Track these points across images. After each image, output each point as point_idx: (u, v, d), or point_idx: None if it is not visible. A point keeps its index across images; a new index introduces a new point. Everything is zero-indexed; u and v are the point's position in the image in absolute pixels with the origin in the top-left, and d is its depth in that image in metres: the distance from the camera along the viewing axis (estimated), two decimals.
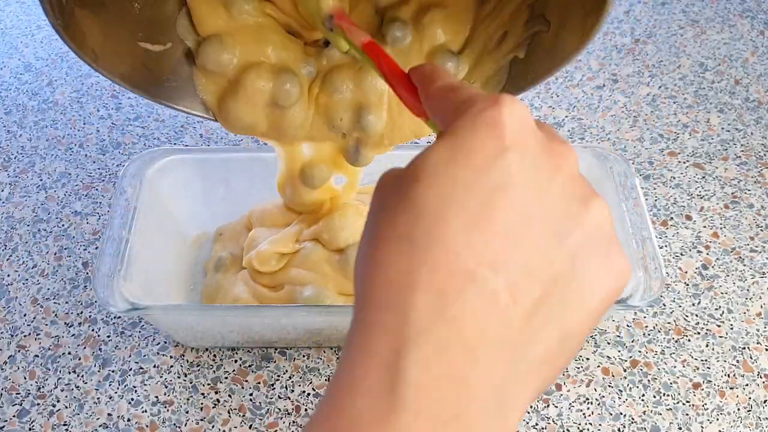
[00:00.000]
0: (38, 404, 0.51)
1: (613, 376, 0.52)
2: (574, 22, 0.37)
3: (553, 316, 0.23)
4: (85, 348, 0.54)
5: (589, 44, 0.36)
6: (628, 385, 0.52)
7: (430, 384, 0.21)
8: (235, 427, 0.50)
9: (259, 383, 0.52)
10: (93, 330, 0.55)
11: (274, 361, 0.53)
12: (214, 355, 0.54)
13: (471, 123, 0.24)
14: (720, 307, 0.56)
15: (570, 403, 0.51)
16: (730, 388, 0.52)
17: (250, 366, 0.53)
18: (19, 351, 0.54)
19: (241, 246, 0.56)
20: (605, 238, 0.25)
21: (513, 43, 0.42)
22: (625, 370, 0.53)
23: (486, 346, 0.22)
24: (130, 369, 0.53)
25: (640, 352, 0.54)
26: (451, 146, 0.24)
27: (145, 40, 0.43)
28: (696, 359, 0.53)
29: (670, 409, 0.51)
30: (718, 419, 0.50)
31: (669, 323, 0.55)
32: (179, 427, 0.50)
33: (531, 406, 0.51)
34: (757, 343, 0.54)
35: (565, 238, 0.24)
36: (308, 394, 0.52)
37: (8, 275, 0.59)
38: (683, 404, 0.51)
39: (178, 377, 0.53)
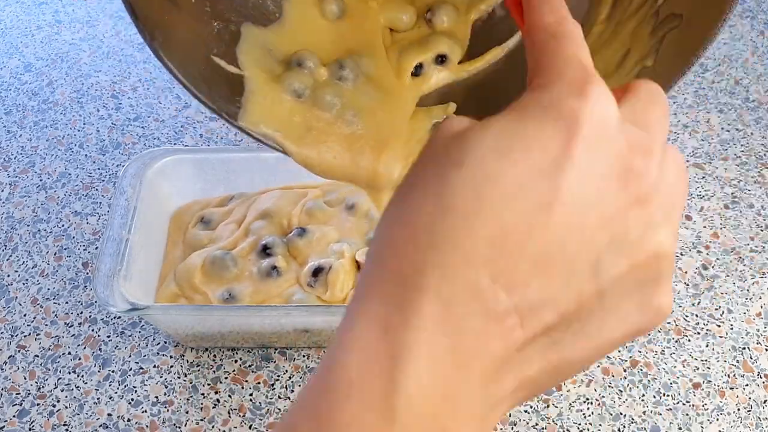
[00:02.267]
0: (38, 404, 0.51)
1: (613, 376, 0.52)
2: (705, 6, 0.33)
3: (560, 344, 0.21)
4: (85, 348, 0.54)
5: (726, 21, 0.32)
6: (628, 385, 0.52)
7: (422, 399, 0.20)
8: (235, 427, 0.50)
9: (259, 383, 0.52)
10: (93, 330, 0.55)
11: (274, 361, 0.53)
12: (214, 355, 0.54)
13: (542, 111, 0.21)
14: (720, 307, 0.56)
15: (570, 403, 0.51)
16: (730, 388, 0.52)
17: (250, 366, 0.53)
18: (19, 351, 0.54)
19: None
20: (658, 275, 0.22)
21: (638, 56, 0.37)
22: (625, 370, 0.53)
23: (481, 366, 0.20)
24: (130, 369, 0.53)
25: (640, 352, 0.54)
26: (510, 132, 0.21)
27: (220, 56, 0.41)
28: (696, 359, 0.53)
29: (670, 409, 0.51)
30: (718, 419, 0.50)
31: (669, 323, 0.55)
32: (179, 427, 0.50)
33: (531, 406, 0.51)
34: (757, 343, 0.54)
35: (604, 272, 0.21)
36: None
37: (8, 275, 0.59)
38: (683, 404, 0.51)
39: (178, 377, 0.53)
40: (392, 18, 0.43)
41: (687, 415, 0.50)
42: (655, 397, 0.51)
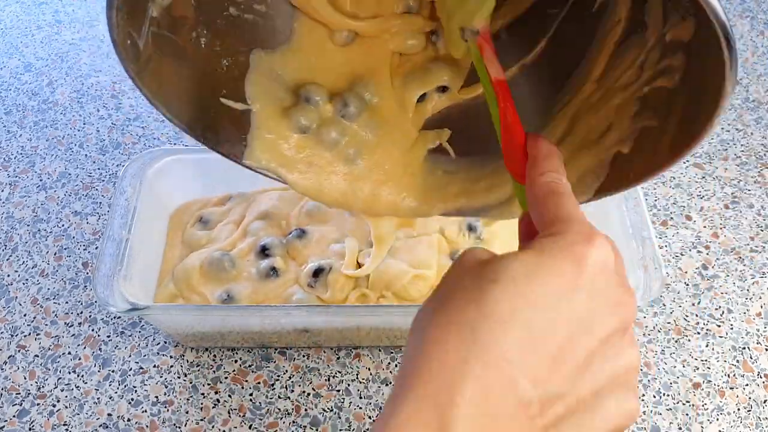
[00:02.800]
0: (38, 404, 0.51)
1: None
2: (687, 117, 0.34)
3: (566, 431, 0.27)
4: (85, 348, 0.54)
5: (702, 142, 0.33)
6: None
7: None
8: (235, 427, 0.50)
9: (259, 383, 0.52)
10: (93, 330, 0.55)
11: (274, 361, 0.53)
12: (214, 355, 0.54)
13: (560, 251, 0.27)
14: (720, 307, 0.56)
15: None
16: (730, 388, 0.52)
17: (250, 366, 0.53)
18: (19, 351, 0.54)
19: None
20: (628, 383, 0.28)
21: (617, 137, 0.38)
22: None
23: None
24: (130, 369, 0.53)
25: (640, 351, 0.54)
26: (535, 263, 0.27)
27: (228, 97, 0.42)
28: (696, 359, 0.53)
29: (670, 409, 0.51)
30: (718, 419, 0.50)
31: (669, 323, 0.55)
32: (179, 427, 0.50)
33: None
34: (757, 343, 0.54)
35: (597, 373, 0.27)
36: (308, 394, 0.52)
37: (8, 275, 0.59)
38: (683, 404, 0.51)
39: (178, 377, 0.53)
40: (403, 45, 0.43)
41: (687, 415, 0.50)
42: (655, 397, 0.51)
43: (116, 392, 0.52)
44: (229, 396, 0.52)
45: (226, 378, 0.52)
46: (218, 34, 0.40)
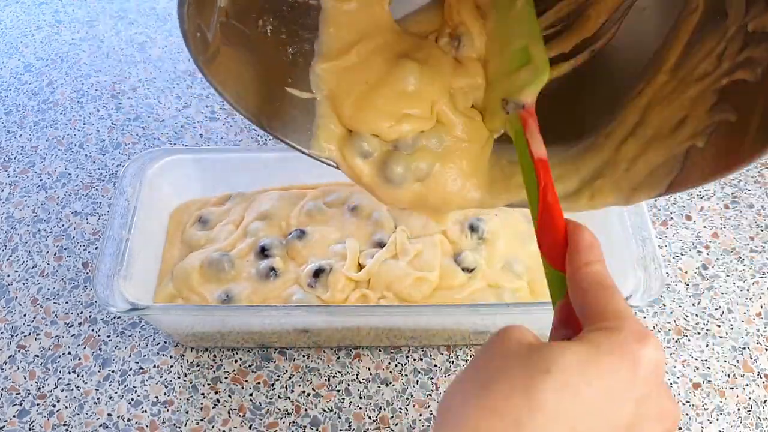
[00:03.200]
0: (38, 404, 0.51)
1: None
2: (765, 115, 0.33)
3: None
4: (85, 348, 0.54)
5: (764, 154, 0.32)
6: None
7: None
8: (235, 427, 0.50)
9: (259, 383, 0.52)
10: (93, 330, 0.55)
11: (274, 361, 0.53)
12: (214, 355, 0.54)
13: (612, 349, 0.26)
14: (720, 307, 0.56)
15: None
16: (730, 388, 0.52)
17: (250, 366, 0.53)
18: (19, 351, 0.54)
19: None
20: None
21: (692, 130, 0.36)
22: None
23: None
24: (130, 369, 0.53)
25: None
26: (587, 358, 0.26)
27: (294, 86, 0.41)
28: (696, 359, 0.53)
29: None
30: (718, 419, 0.50)
31: (669, 323, 0.55)
32: (179, 427, 0.50)
33: None
34: (757, 343, 0.54)
35: None
36: (308, 394, 0.52)
37: (8, 275, 0.59)
38: (683, 404, 0.51)
39: (178, 377, 0.53)
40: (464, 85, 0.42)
41: (687, 415, 0.50)
42: None
43: (116, 392, 0.52)
44: (229, 396, 0.52)
45: (226, 378, 0.52)
46: (284, 22, 0.40)
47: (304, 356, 0.54)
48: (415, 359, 0.53)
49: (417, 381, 0.52)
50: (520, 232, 0.56)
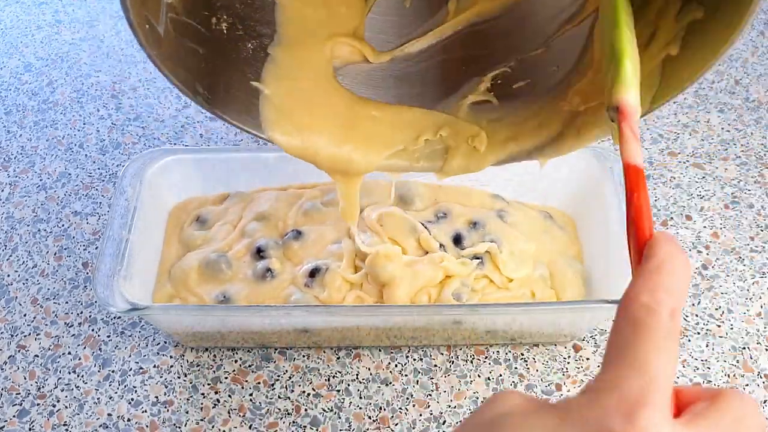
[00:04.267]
0: (38, 404, 0.51)
1: None
2: None
3: None
4: (85, 348, 0.54)
5: (752, 20, 0.31)
6: None
7: None
8: (235, 427, 0.50)
9: (259, 383, 0.52)
10: (93, 330, 0.55)
11: (274, 361, 0.53)
12: (214, 355, 0.54)
13: (584, 423, 0.19)
14: (720, 307, 0.56)
15: None
16: (731, 388, 0.52)
17: (250, 366, 0.53)
18: (19, 351, 0.54)
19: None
20: None
21: (663, 41, 0.37)
22: None
23: None
24: (130, 369, 0.53)
25: None
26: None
27: (254, 78, 0.41)
28: (696, 359, 0.53)
29: None
30: None
31: None
32: (179, 427, 0.50)
33: None
34: (757, 343, 0.54)
35: None
36: (308, 394, 0.52)
37: (8, 275, 0.59)
38: None
39: (178, 377, 0.53)
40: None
41: None
42: None
43: (116, 392, 0.52)
44: (229, 396, 0.52)
45: (226, 378, 0.52)
46: (239, 18, 0.40)
47: (304, 356, 0.54)
48: (415, 359, 0.53)
49: (417, 381, 0.52)
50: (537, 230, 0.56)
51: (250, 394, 0.52)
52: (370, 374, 0.53)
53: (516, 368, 0.53)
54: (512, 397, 0.22)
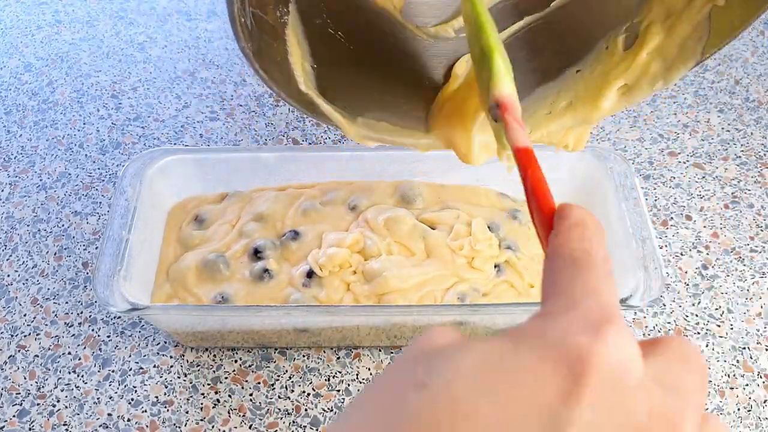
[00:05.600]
0: (38, 404, 0.51)
1: None
2: None
3: None
4: (85, 348, 0.54)
5: None
6: None
7: None
8: (235, 427, 0.50)
9: (259, 383, 0.52)
10: (93, 330, 0.55)
11: (274, 361, 0.53)
12: (214, 355, 0.54)
13: (545, 343, 0.17)
14: (720, 307, 0.56)
15: None
16: (730, 388, 0.52)
17: (250, 366, 0.53)
18: (19, 351, 0.54)
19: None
20: None
21: None
22: None
23: None
24: (130, 369, 0.53)
25: None
26: (497, 360, 0.17)
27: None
28: None
29: None
30: None
31: (669, 323, 0.55)
32: (179, 427, 0.50)
33: None
34: (757, 343, 0.54)
35: None
36: (308, 394, 0.52)
37: (8, 275, 0.59)
38: None
39: (178, 377, 0.53)
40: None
41: None
42: None
43: (116, 392, 0.52)
44: (229, 396, 0.52)
45: (226, 378, 0.52)
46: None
47: (304, 356, 0.54)
48: None
49: None
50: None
51: (250, 394, 0.52)
52: (370, 374, 0.53)
53: None
54: (449, 331, 0.20)
